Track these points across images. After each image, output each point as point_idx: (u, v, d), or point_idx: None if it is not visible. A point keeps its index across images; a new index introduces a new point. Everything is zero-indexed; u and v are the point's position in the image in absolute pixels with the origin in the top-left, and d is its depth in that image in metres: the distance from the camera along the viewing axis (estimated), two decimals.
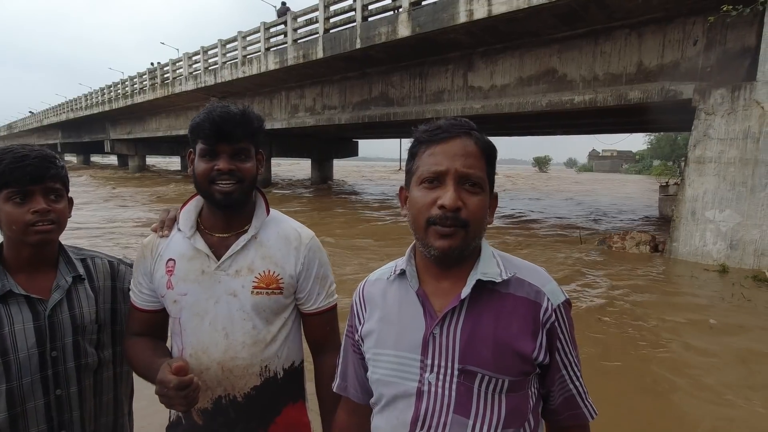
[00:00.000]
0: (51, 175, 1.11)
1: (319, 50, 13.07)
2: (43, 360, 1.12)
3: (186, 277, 1.15)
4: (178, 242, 1.19)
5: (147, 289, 1.21)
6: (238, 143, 1.10)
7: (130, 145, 33.57)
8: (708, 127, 7.45)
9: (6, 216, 1.08)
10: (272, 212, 1.24)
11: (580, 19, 8.76)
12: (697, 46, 7.90)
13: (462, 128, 0.85)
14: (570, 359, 0.88)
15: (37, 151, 1.12)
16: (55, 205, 1.13)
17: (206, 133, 1.09)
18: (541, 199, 20.79)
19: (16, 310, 1.10)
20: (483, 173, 0.84)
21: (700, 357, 4.01)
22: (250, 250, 1.16)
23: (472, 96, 11.35)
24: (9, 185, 1.07)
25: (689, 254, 7.57)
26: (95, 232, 9.69)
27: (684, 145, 18.01)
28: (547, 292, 0.86)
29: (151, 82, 23.83)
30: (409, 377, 0.86)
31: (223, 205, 1.13)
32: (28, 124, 53.06)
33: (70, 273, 1.20)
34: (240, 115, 1.10)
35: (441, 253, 0.83)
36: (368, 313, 0.95)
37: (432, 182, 0.83)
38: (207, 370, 1.14)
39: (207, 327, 1.14)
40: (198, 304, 1.15)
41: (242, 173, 1.11)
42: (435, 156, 0.83)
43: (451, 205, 0.80)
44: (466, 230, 0.82)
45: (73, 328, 1.16)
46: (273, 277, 1.16)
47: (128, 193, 19.17)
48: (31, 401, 1.10)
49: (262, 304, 1.15)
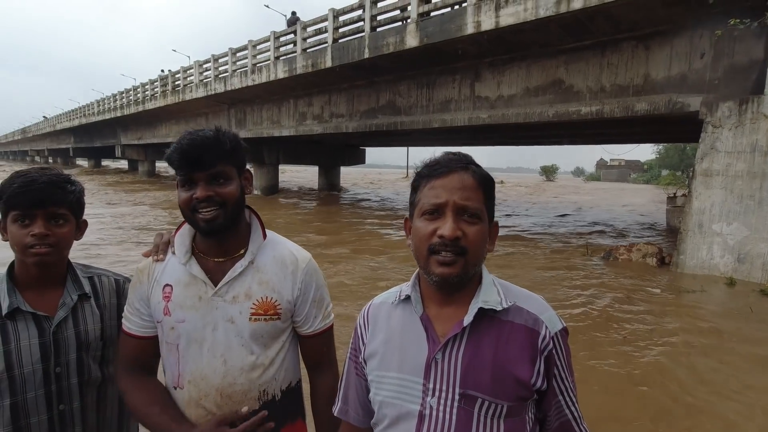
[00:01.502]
0: (55, 200, 1.15)
1: (328, 59, 13.21)
2: (47, 375, 1.14)
3: (183, 303, 1.13)
4: (173, 267, 1.16)
5: (146, 315, 1.18)
6: (212, 168, 1.08)
7: (140, 150, 33.96)
8: (715, 139, 7.43)
9: (11, 236, 1.15)
10: (269, 235, 1.22)
11: (586, 30, 8.81)
12: (704, 58, 7.90)
13: (459, 163, 0.90)
14: (566, 385, 0.91)
15: (48, 175, 1.16)
16: (56, 229, 1.16)
17: (177, 164, 1.08)
18: (545, 210, 20.72)
19: (22, 327, 1.14)
20: (480, 204, 0.88)
21: (710, 372, 3.98)
22: (247, 276, 1.15)
23: (479, 106, 11.40)
24: (14, 208, 1.13)
25: (696, 267, 7.52)
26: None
27: (692, 155, 17.85)
28: (545, 320, 0.90)
29: (162, 89, 24.17)
30: (412, 400, 0.89)
31: (208, 233, 1.11)
32: (42, 129, 53.89)
33: (76, 291, 1.23)
34: (209, 139, 1.08)
35: (442, 279, 0.87)
36: (372, 335, 0.99)
37: (432, 214, 0.88)
38: (206, 396, 1.13)
39: (206, 354, 1.13)
40: (196, 331, 1.13)
41: (222, 197, 1.09)
42: (434, 189, 0.88)
43: (450, 234, 0.84)
44: (466, 258, 0.86)
45: (77, 345, 1.19)
46: (270, 303, 1.15)
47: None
48: (35, 416, 1.13)
49: (260, 330, 1.14)
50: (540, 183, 51.88)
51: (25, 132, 63.33)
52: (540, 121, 10.30)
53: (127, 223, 12.13)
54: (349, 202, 21.00)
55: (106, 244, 9.04)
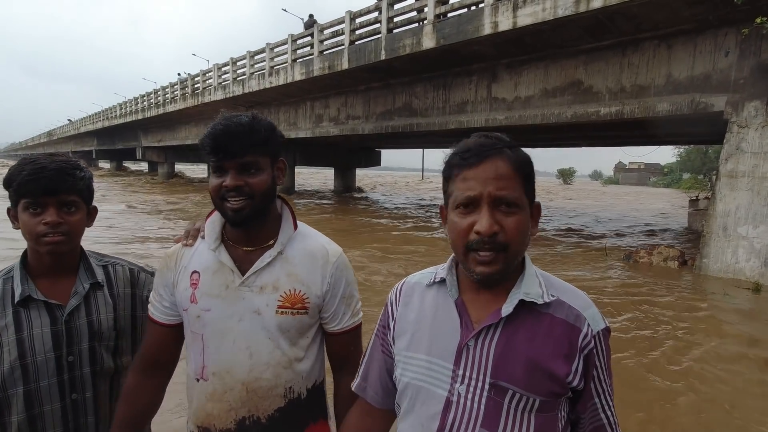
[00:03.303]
0: (66, 188, 1.13)
1: (345, 61, 13.29)
2: (59, 364, 1.14)
3: (210, 291, 1.11)
4: (202, 254, 1.14)
5: (168, 302, 1.16)
6: (244, 157, 1.04)
7: (160, 152, 34.66)
8: (741, 140, 7.24)
9: (23, 225, 1.13)
10: (300, 226, 1.19)
11: (606, 30, 8.68)
12: (729, 57, 7.71)
13: (492, 148, 0.84)
14: (604, 387, 0.87)
15: (57, 162, 1.13)
16: (68, 217, 1.14)
17: (208, 149, 1.05)
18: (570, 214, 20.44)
19: (35, 315, 1.13)
20: (518, 191, 0.83)
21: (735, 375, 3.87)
22: (276, 267, 1.12)
23: (495, 107, 11.33)
24: (25, 196, 1.11)
25: (720, 271, 7.32)
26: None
27: (715, 158, 17.37)
28: (587, 317, 0.85)
29: (181, 92, 24.63)
30: (439, 385, 0.86)
31: (235, 222, 1.09)
32: (66, 132, 55.44)
33: (88, 279, 1.21)
34: (243, 126, 1.04)
35: (483, 278, 0.83)
36: (403, 314, 0.96)
37: (467, 207, 0.83)
38: (231, 390, 1.10)
39: (231, 346, 1.10)
40: (221, 321, 1.10)
41: (251, 188, 1.05)
42: (467, 181, 0.83)
43: (486, 231, 0.80)
44: (506, 253, 0.82)
45: (89, 334, 1.18)
46: (298, 296, 1.12)
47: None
48: (48, 404, 1.13)
49: (286, 324, 1.11)
50: (556, 186, 51.21)
51: (51, 135, 65.24)
52: (558, 122, 10.18)
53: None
54: (367, 205, 21.01)
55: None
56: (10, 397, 1.10)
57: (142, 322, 1.28)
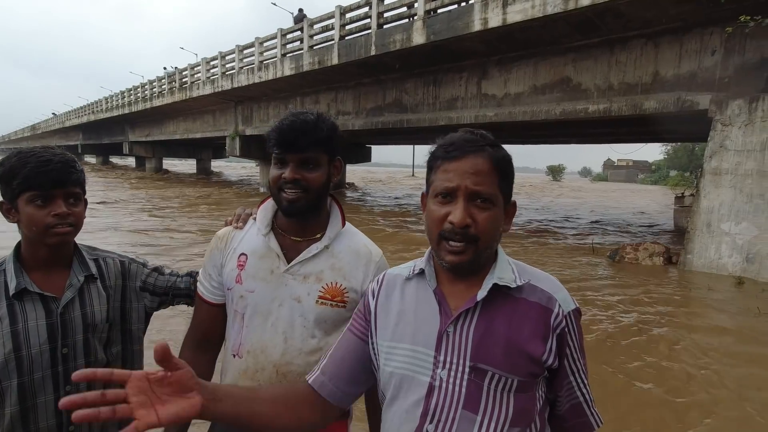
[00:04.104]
0: (72, 180, 1.16)
1: (335, 57, 13.23)
2: (54, 356, 1.15)
3: (255, 274, 1.17)
4: (252, 238, 1.21)
5: (216, 282, 1.23)
6: (305, 152, 1.12)
7: (148, 147, 34.22)
8: (725, 138, 7.36)
9: (27, 218, 1.12)
10: (347, 225, 1.26)
11: (595, 28, 8.75)
12: (714, 56, 7.83)
13: (474, 145, 0.88)
14: (578, 366, 0.91)
15: (59, 155, 1.16)
16: (73, 208, 1.17)
17: (273, 142, 1.13)
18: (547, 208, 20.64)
19: (30, 307, 1.14)
20: (494, 188, 0.87)
21: (718, 364, 3.96)
22: (321, 259, 1.18)
23: (485, 104, 11.37)
24: (32, 188, 1.11)
25: (704, 266, 7.46)
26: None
27: (701, 156, 17.58)
28: (558, 299, 0.90)
29: (169, 86, 24.31)
30: (422, 371, 0.89)
31: (288, 213, 1.16)
32: (51, 126, 54.43)
33: (82, 272, 1.22)
34: (308, 123, 1.12)
35: (451, 266, 0.88)
36: (385, 304, 0.97)
37: (445, 197, 0.87)
38: (262, 370, 1.16)
39: (269, 328, 1.16)
40: (263, 304, 1.16)
41: (308, 182, 1.13)
42: (447, 173, 0.87)
43: (459, 222, 0.84)
44: (476, 245, 0.86)
45: (84, 326, 1.19)
46: (339, 290, 1.17)
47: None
48: (42, 396, 1.14)
49: (324, 314, 1.16)
50: (546, 183, 51.65)
51: (35, 129, 64.01)
52: (547, 119, 10.26)
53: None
54: (361, 203, 20.98)
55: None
56: (3, 390, 1.10)
57: (132, 313, 1.31)
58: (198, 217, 12.84)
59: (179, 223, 11.44)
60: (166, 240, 9.10)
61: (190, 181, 28.33)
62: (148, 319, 1.37)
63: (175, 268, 1.43)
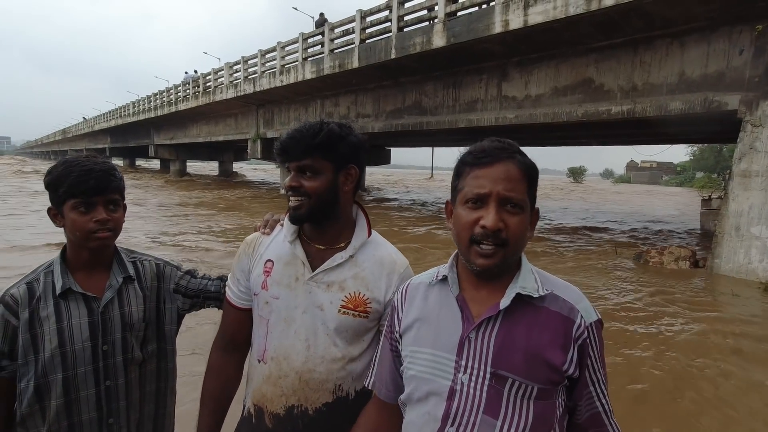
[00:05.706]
0: (112, 187, 1.24)
1: (355, 60, 13.35)
2: (95, 353, 1.22)
3: (280, 281, 1.18)
4: (278, 245, 1.22)
5: (243, 287, 1.25)
6: (301, 160, 1.13)
7: (172, 150, 35.03)
8: (755, 139, 7.17)
9: (71, 223, 1.21)
10: (373, 234, 1.25)
11: (619, 28, 8.62)
12: (743, 55, 7.63)
13: (505, 152, 0.91)
14: (598, 377, 0.92)
15: (100, 164, 1.23)
16: (113, 214, 1.24)
17: (276, 152, 1.17)
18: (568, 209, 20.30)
19: (74, 306, 1.22)
20: (524, 195, 0.90)
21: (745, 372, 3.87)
22: (345, 268, 1.18)
23: (505, 106, 11.31)
24: (75, 196, 1.19)
25: (732, 271, 7.26)
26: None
27: (729, 157, 17.07)
28: (580, 310, 0.91)
29: (193, 90, 24.88)
30: (444, 375, 0.91)
31: (291, 219, 1.18)
32: (80, 129, 56.21)
33: (121, 274, 1.30)
34: (303, 132, 1.13)
35: (482, 269, 0.90)
36: (408, 312, 1.02)
37: (476, 203, 0.90)
38: (285, 377, 1.17)
39: (292, 335, 1.17)
40: (287, 310, 1.18)
41: (306, 189, 1.13)
42: (479, 179, 0.90)
43: (492, 226, 0.87)
44: (506, 249, 0.89)
45: (122, 325, 1.26)
46: (361, 300, 1.17)
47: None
48: (84, 390, 1.21)
49: (345, 324, 1.16)
50: (567, 185, 50.79)
51: (66, 132, 66.24)
52: (568, 121, 10.13)
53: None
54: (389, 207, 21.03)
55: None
56: (50, 383, 1.18)
57: (167, 314, 1.38)
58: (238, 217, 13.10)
59: (221, 227, 11.70)
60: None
61: (219, 182, 28.86)
62: (180, 320, 1.43)
63: (208, 273, 1.49)
